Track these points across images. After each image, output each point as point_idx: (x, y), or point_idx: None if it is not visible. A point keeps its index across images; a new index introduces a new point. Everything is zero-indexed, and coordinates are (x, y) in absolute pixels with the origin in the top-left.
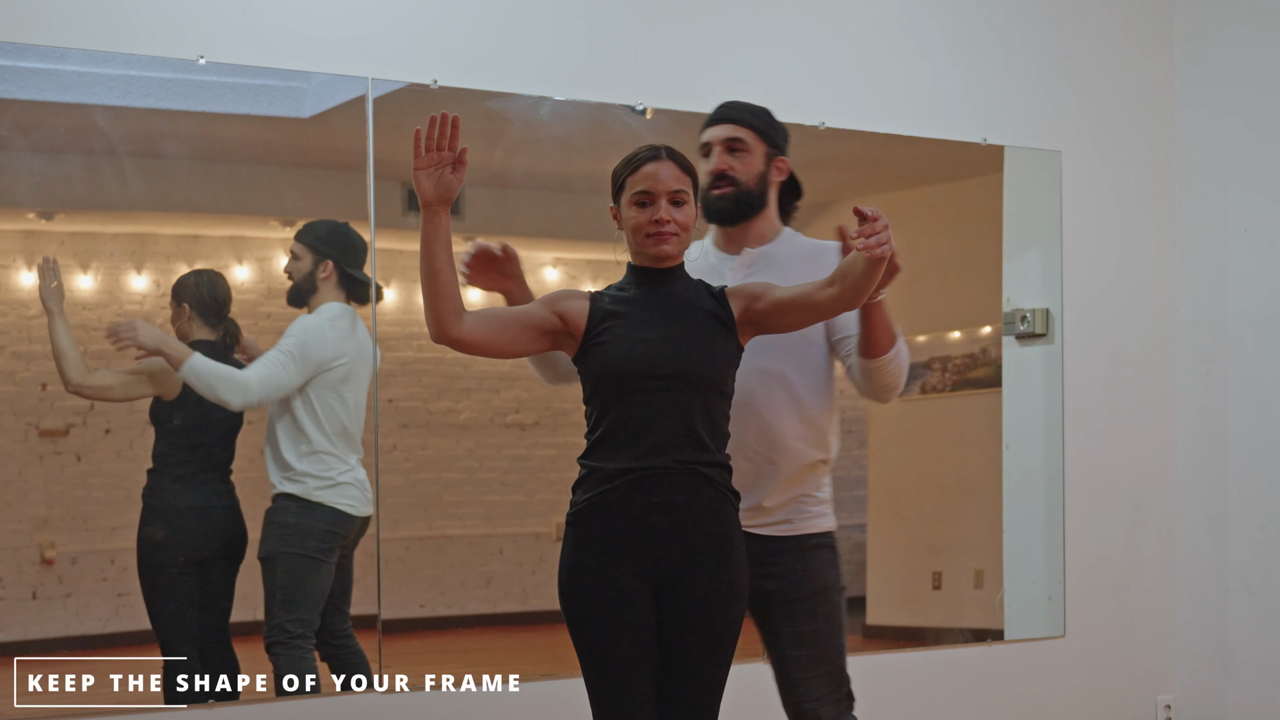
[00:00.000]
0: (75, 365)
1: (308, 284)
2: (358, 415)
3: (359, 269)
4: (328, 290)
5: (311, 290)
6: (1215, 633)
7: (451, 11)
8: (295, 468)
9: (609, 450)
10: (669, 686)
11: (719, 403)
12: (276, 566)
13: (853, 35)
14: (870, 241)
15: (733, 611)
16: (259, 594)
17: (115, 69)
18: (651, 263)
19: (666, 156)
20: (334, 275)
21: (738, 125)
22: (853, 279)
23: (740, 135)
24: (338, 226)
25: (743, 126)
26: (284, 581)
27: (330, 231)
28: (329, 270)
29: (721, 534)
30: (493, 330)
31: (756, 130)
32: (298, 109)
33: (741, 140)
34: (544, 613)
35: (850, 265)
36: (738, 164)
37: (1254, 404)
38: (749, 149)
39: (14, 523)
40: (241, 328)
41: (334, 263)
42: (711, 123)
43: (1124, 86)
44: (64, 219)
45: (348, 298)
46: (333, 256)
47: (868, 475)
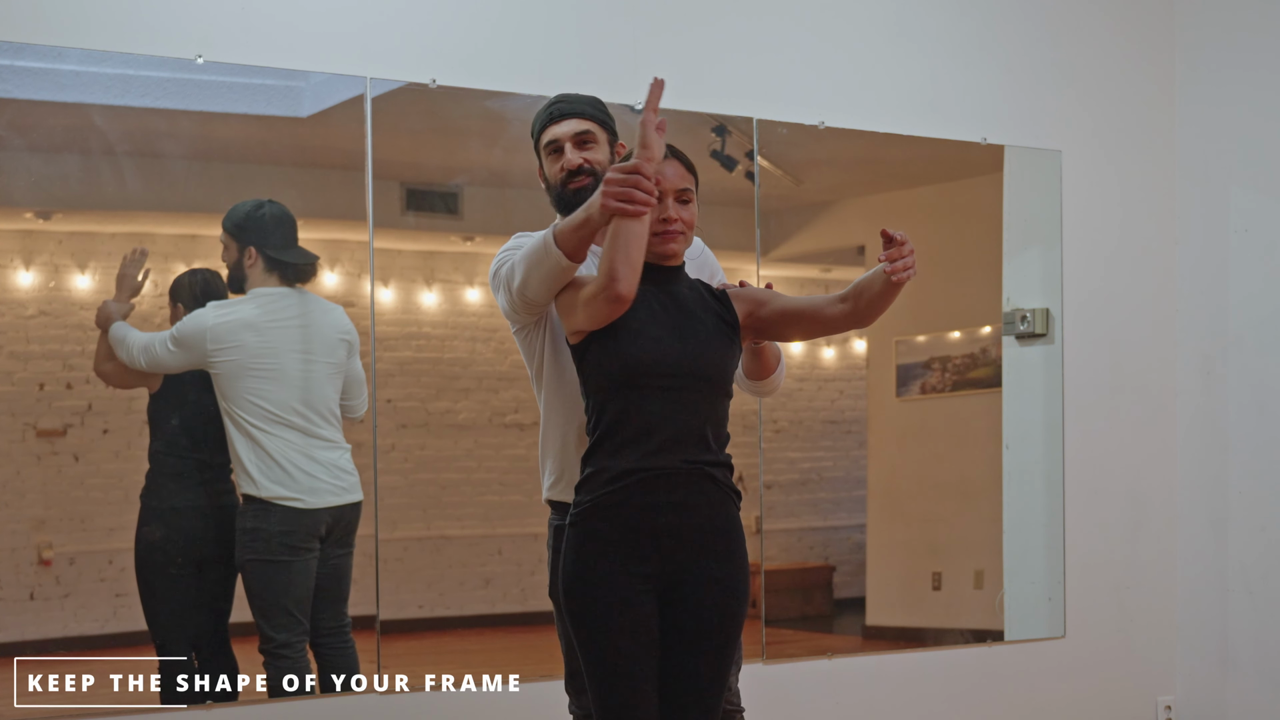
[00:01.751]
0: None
1: (238, 272)
2: (309, 400)
3: (285, 250)
4: (256, 275)
5: (243, 278)
6: (1216, 633)
7: (450, 10)
8: (245, 467)
9: (612, 448)
10: (672, 686)
11: (723, 402)
12: (247, 574)
13: (852, 35)
14: (897, 265)
15: (736, 610)
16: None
17: (113, 68)
18: (656, 260)
19: (671, 156)
20: (259, 260)
21: (583, 119)
22: (869, 298)
23: (588, 128)
24: (255, 209)
25: (587, 120)
26: (256, 589)
27: (246, 216)
28: (253, 256)
29: (725, 533)
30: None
31: (599, 121)
32: (296, 108)
33: (590, 133)
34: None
35: (868, 284)
36: (591, 156)
37: (1254, 403)
38: (597, 140)
39: (12, 523)
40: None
41: (254, 248)
42: (553, 120)
43: (1124, 86)
44: (61, 218)
45: (280, 280)
46: (252, 242)
47: (867, 475)
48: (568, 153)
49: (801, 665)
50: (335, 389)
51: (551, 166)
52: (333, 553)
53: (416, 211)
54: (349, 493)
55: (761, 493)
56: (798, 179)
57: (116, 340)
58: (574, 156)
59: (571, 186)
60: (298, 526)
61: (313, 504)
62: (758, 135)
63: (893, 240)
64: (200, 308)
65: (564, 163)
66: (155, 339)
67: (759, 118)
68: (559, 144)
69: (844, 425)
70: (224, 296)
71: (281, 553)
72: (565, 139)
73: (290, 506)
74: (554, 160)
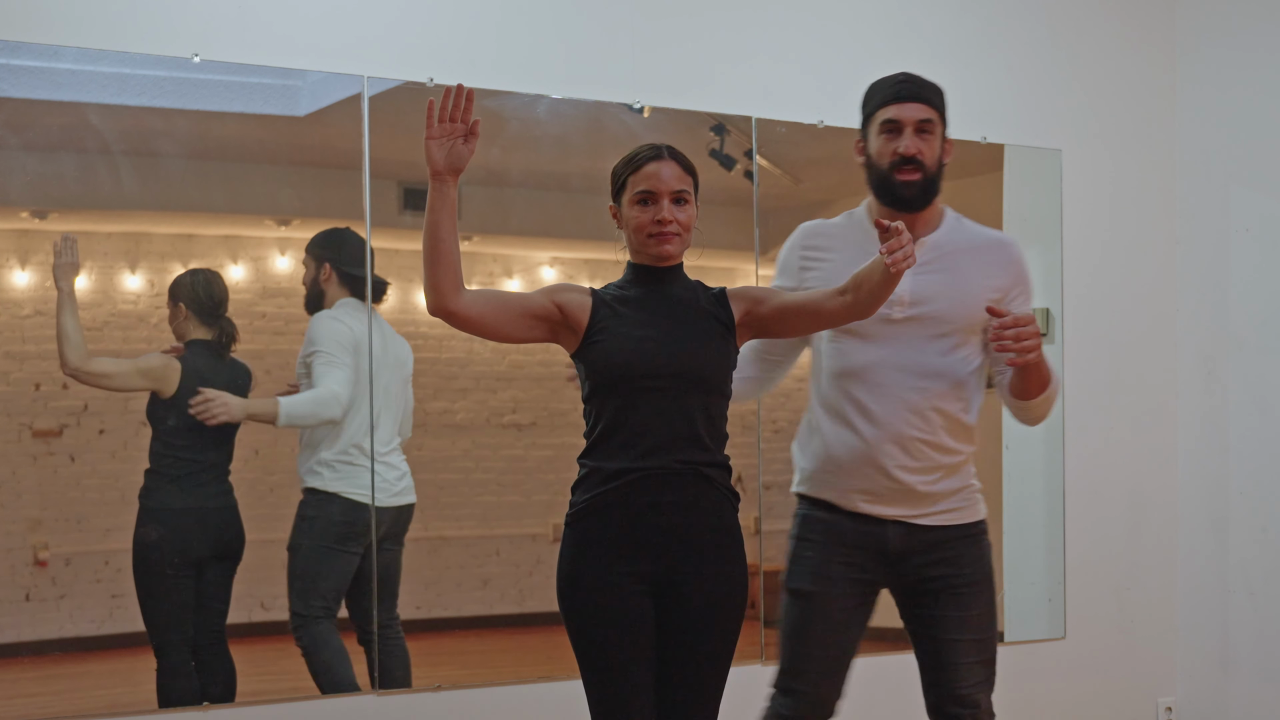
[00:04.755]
0: (77, 348)
1: (314, 289)
2: (385, 404)
3: (356, 266)
4: (332, 290)
5: (320, 294)
6: (1216, 634)
7: (448, 9)
8: (314, 461)
9: (610, 450)
10: (669, 688)
11: (719, 403)
12: (296, 555)
13: (852, 33)
14: (896, 256)
15: (733, 611)
16: (253, 595)
17: (109, 67)
18: (652, 262)
19: (669, 156)
20: (333, 276)
21: (928, 106)
22: (869, 288)
23: (930, 117)
24: (333, 231)
25: (932, 108)
26: (301, 570)
27: (326, 236)
28: (328, 272)
29: (722, 534)
30: (490, 309)
31: (940, 113)
32: (293, 107)
33: (931, 123)
34: (541, 614)
35: (867, 275)
36: (925, 148)
37: (1255, 404)
38: (934, 133)
39: (7, 524)
40: (238, 326)
41: (330, 264)
42: (899, 99)
43: (1125, 84)
44: (58, 218)
45: (351, 293)
46: (329, 259)
47: None
48: (906, 137)
49: None
50: (401, 403)
51: (883, 146)
52: (388, 547)
53: (414, 211)
54: (399, 496)
55: (760, 493)
56: (797, 178)
57: (297, 413)
58: (912, 144)
59: (900, 177)
60: (355, 519)
61: (382, 502)
62: (757, 134)
63: (889, 229)
64: (215, 309)
65: (901, 146)
66: (332, 373)
67: (758, 117)
68: (899, 125)
69: None
70: (224, 297)
71: (337, 540)
72: (908, 123)
73: (352, 500)
74: (888, 140)
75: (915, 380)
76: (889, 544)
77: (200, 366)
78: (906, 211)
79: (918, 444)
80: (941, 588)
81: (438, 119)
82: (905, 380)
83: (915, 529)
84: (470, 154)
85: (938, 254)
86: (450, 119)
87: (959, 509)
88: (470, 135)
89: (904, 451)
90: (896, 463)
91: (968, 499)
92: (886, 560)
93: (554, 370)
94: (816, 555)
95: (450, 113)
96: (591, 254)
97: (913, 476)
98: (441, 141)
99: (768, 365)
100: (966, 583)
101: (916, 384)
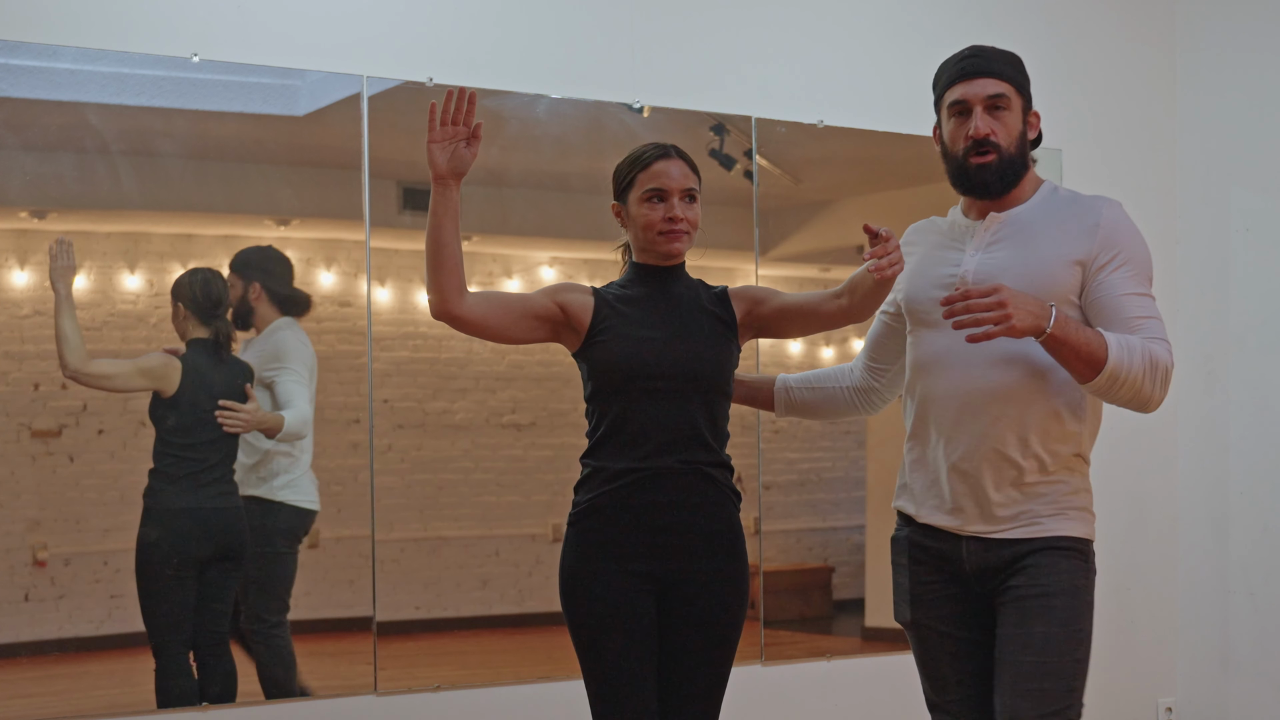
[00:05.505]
0: (76, 351)
1: (243, 307)
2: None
3: (284, 285)
4: (262, 309)
5: (249, 311)
6: (1216, 635)
7: (447, 9)
8: (256, 471)
9: (612, 449)
10: (671, 687)
11: (721, 403)
12: (255, 563)
13: (851, 33)
14: (882, 263)
15: (735, 612)
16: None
17: (108, 67)
18: (658, 261)
19: (676, 155)
20: (263, 294)
21: (998, 80)
22: (861, 294)
23: (1002, 91)
24: (257, 249)
25: (1004, 81)
26: (254, 576)
27: (250, 255)
28: (258, 291)
29: (724, 534)
30: (494, 311)
31: (1016, 85)
32: (292, 107)
33: (1004, 97)
34: (541, 615)
35: (860, 280)
36: (1000, 126)
37: (1255, 404)
38: (1010, 107)
39: (6, 524)
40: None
41: (259, 283)
42: (964, 76)
43: (1125, 84)
44: (56, 218)
45: (283, 312)
46: (256, 278)
47: (867, 475)
48: (976, 118)
49: (800, 667)
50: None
51: (955, 130)
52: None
53: (413, 210)
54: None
55: (760, 493)
56: (796, 178)
57: (293, 429)
58: (983, 124)
59: (974, 161)
60: (301, 524)
61: (318, 506)
62: (756, 134)
63: (878, 236)
64: (213, 309)
65: (971, 129)
66: (302, 396)
67: (758, 116)
68: (968, 106)
69: (843, 425)
70: (223, 297)
71: (284, 545)
72: (975, 101)
73: (297, 507)
74: (959, 124)
75: (982, 369)
76: (964, 560)
77: (201, 365)
78: (985, 198)
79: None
80: (1009, 599)
81: (440, 122)
82: (972, 369)
83: (990, 543)
84: (473, 158)
85: (1010, 229)
86: (452, 122)
87: (1039, 522)
88: (473, 139)
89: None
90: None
91: (1041, 514)
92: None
93: (553, 370)
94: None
95: (452, 116)
96: (591, 254)
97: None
98: (444, 145)
99: (874, 374)
100: (1035, 594)
101: (984, 372)
